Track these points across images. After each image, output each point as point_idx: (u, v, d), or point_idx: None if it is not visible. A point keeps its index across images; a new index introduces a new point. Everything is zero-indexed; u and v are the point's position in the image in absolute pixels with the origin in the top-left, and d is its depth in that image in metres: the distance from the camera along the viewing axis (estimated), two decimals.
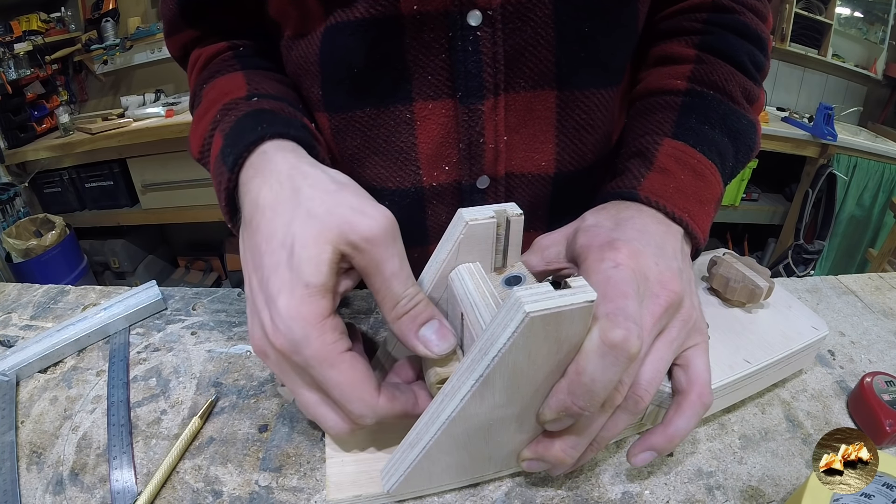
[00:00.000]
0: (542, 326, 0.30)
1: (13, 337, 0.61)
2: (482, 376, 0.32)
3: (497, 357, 0.31)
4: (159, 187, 2.59)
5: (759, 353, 0.48)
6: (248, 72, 0.54)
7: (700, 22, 0.56)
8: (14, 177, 2.58)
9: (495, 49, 0.48)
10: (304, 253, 0.35)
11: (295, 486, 0.43)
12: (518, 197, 0.57)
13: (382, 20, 0.47)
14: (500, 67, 0.49)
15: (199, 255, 3.20)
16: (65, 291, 0.69)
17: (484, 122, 0.51)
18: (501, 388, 0.33)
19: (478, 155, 0.53)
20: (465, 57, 0.48)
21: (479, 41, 0.47)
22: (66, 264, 2.45)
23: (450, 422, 0.35)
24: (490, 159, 0.53)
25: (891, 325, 0.62)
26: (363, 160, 0.56)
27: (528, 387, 0.34)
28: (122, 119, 2.45)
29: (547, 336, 0.31)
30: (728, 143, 0.51)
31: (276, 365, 0.38)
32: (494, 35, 0.47)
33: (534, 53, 0.49)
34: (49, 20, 2.61)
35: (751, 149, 0.54)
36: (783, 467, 0.45)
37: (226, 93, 0.50)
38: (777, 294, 0.54)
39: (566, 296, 0.29)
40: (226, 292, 0.67)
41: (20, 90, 2.48)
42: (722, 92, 0.53)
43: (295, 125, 0.45)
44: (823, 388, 0.53)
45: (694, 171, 0.48)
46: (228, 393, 0.52)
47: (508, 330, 0.30)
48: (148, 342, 0.59)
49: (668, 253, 0.41)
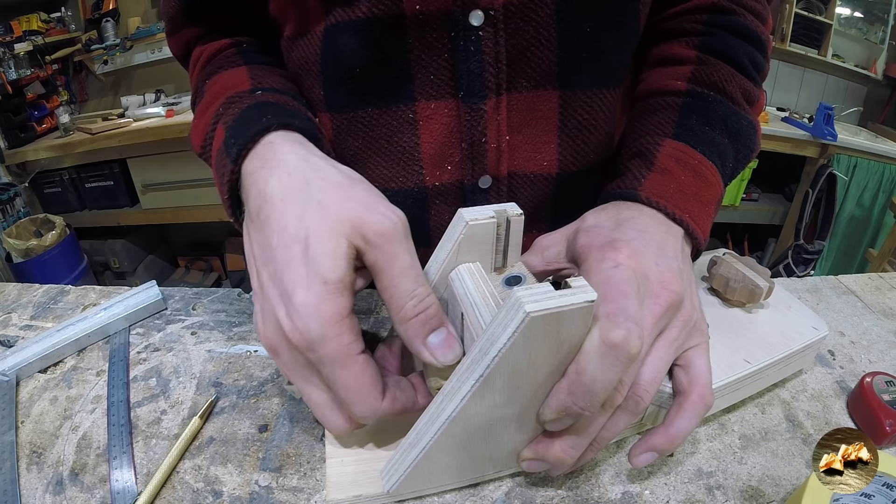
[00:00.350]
0: (542, 326, 0.30)
1: (13, 337, 0.61)
2: (482, 376, 0.32)
3: (497, 357, 0.31)
4: (159, 187, 2.60)
5: (759, 353, 0.48)
6: (252, 66, 0.54)
7: (700, 23, 0.56)
8: (14, 177, 2.58)
9: (497, 49, 0.48)
10: (319, 248, 0.35)
11: (295, 486, 0.43)
12: (520, 197, 0.57)
13: (385, 20, 0.47)
14: (503, 67, 0.49)
15: (200, 255, 3.20)
16: (65, 291, 0.69)
17: (486, 122, 0.51)
18: (501, 388, 0.33)
19: (480, 155, 0.53)
20: (467, 57, 0.48)
21: (481, 41, 0.47)
22: (67, 264, 2.46)
23: (450, 422, 0.35)
24: (492, 159, 0.53)
25: (891, 325, 0.62)
26: (365, 160, 0.56)
27: (529, 387, 0.34)
28: (122, 119, 2.46)
29: (547, 336, 0.30)
30: (728, 143, 0.51)
31: (288, 361, 0.37)
32: (496, 35, 0.47)
33: (536, 53, 0.49)
34: (49, 20, 2.61)
35: (751, 150, 0.54)
36: (783, 467, 0.45)
37: (229, 87, 0.50)
38: (777, 294, 0.54)
39: (566, 296, 0.29)
40: (226, 292, 0.67)
41: (20, 90, 2.48)
42: (722, 93, 0.53)
43: (300, 117, 0.45)
44: (823, 388, 0.53)
45: (694, 172, 0.48)
46: (228, 393, 0.52)
47: (509, 330, 0.30)
48: (148, 342, 0.59)
49: (668, 253, 0.41)
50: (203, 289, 0.68)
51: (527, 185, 0.57)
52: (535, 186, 0.57)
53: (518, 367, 0.32)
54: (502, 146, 0.53)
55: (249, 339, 0.58)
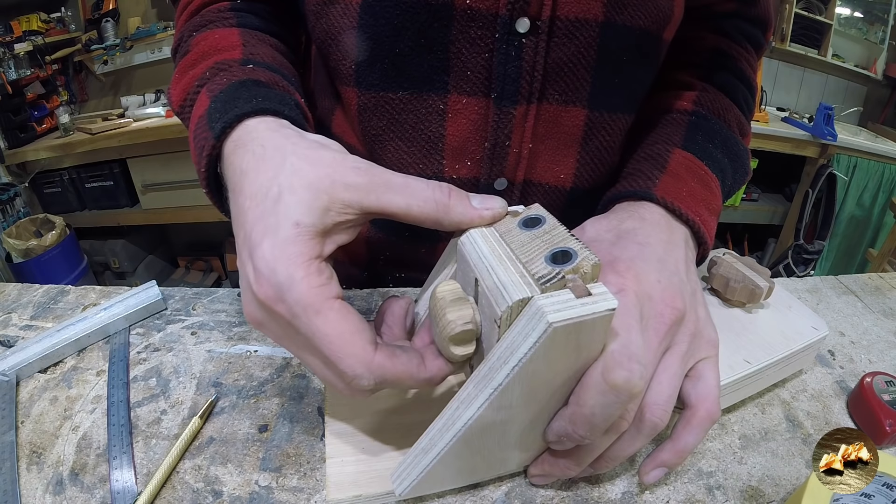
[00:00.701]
0: (563, 336, 0.29)
1: (13, 337, 0.60)
2: (500, 385, 0.32)
3: (517, 367, 0.30)
4: (159, 187, 2.60)
5: (759, 353, 0.48)
6: (244, 31, 0.52)
7: (705, 59, 0.61)
8: (14, 177, 2.58)
9: (536, 59, 0.48)
10: (293, 198, 0.33)
11: (295, 486, 0.43)
12: (531, 204, 0.58)
13: (435, 6, 0.46)
14: (538, 77, 0.49)
15: (199, 255, 3.20)
16: (65, 291, 0.69)
17: (513, 126, 0.51)
18: (519, 395, 0.33)
19: (501, 157, 0.53)
20: (506, 60, 0.48)
21: (522, 48, 0.47)
22: (66, 264, 2.46)
23: (466, 429, 0.34)
24: (512, 163, 0.54)
25: (891, 325, 0.62)
26: (386, 143, 0.55)
27: (545, 391, 0.34)
28: (122, 119, 2.46)
29: (568, 344, 0.30)
30: (728, 163, 0.53)
31: (275, 330, 0.35)
32: (538, 45, 0.47)
33: (573, 70, 0.50)
34: (49, 20, 2.61)
35: (745, 173, 0.57)
36: (783, 467, 0.45)
37: (218, 49, 0.49)
38: (777, 294, 0.54)
39: (588, 304, 0.29)
40: (226, 292, 0.67)
41: (20, 90, 2.48)
42: (723, 119, 0.56)
43: (289, 104, 0.44)
44: (823, 388, 0.53)
45: (701, 181, 0.49)
46: (228, 393, 0.52)
47: (530, 340, 0.29)
48: (148, 342, 0.59)
49: (669, 267, 0.41)
50: (203, 289, 0.68)
51: (540, 194, 0.57)
52: (548, 196, 0.58)
53: (537, 374, 0.32)
54: (524, 152, 0.53)
55: (249, 340, 0.58)
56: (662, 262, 0.41)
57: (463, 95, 0.51)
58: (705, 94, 0.58)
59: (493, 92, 0.50)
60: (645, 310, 0.37)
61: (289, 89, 0.47)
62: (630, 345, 0.33)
